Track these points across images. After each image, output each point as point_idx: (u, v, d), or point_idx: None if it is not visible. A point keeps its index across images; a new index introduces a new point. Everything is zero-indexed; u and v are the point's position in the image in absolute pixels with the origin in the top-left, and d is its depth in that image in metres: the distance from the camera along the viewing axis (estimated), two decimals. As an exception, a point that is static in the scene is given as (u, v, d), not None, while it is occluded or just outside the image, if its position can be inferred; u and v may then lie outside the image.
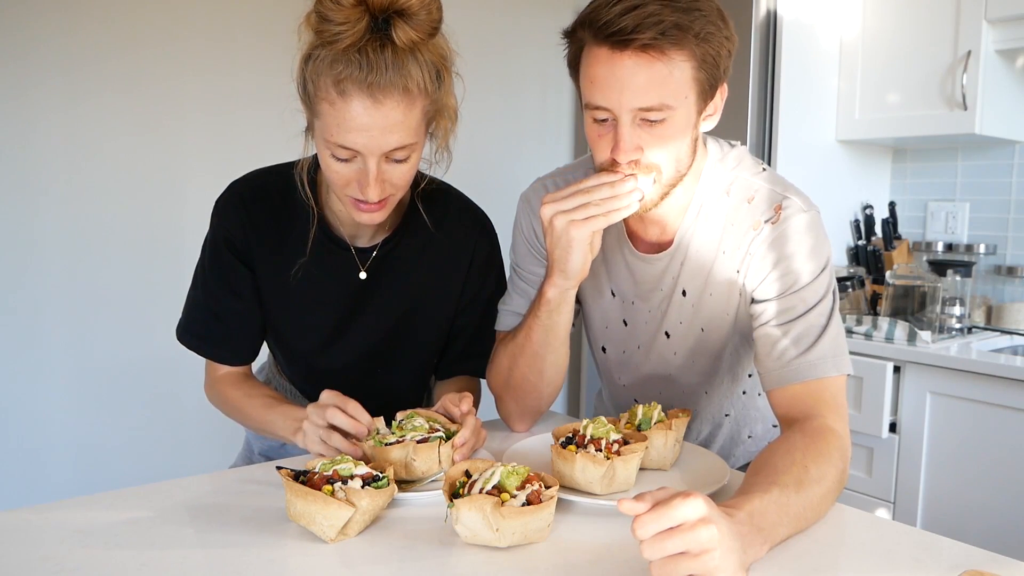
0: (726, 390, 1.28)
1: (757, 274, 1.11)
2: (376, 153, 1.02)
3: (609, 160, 1.03)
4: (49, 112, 2.03)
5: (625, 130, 1.00)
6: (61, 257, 2.08)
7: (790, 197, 1.10)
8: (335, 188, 1.08)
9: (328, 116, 1.01)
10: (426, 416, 1.08)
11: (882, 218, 2.63)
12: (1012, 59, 2.24)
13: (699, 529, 0.69)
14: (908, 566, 0.81)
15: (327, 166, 1.06)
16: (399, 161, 1.05)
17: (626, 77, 0.97)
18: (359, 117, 0.99)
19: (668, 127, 1.01)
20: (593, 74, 1.00)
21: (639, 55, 0.96)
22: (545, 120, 2.93)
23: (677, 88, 0.98)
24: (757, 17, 2.27)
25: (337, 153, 1.03)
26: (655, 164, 1.03)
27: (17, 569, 0.78)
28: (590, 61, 1.00)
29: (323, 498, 0.82)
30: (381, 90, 0.99)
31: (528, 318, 1.17)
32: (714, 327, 1.19)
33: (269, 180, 1.21)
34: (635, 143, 1.01)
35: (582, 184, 1.04)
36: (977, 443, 1.97)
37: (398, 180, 1.07)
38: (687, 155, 1.06)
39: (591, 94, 1.01)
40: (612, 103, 0.99)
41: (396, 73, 0.99)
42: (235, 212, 1.19)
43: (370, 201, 1.06)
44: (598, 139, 1.04)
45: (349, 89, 0.98)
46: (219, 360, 1.24)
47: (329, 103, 1.00)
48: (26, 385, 2.06)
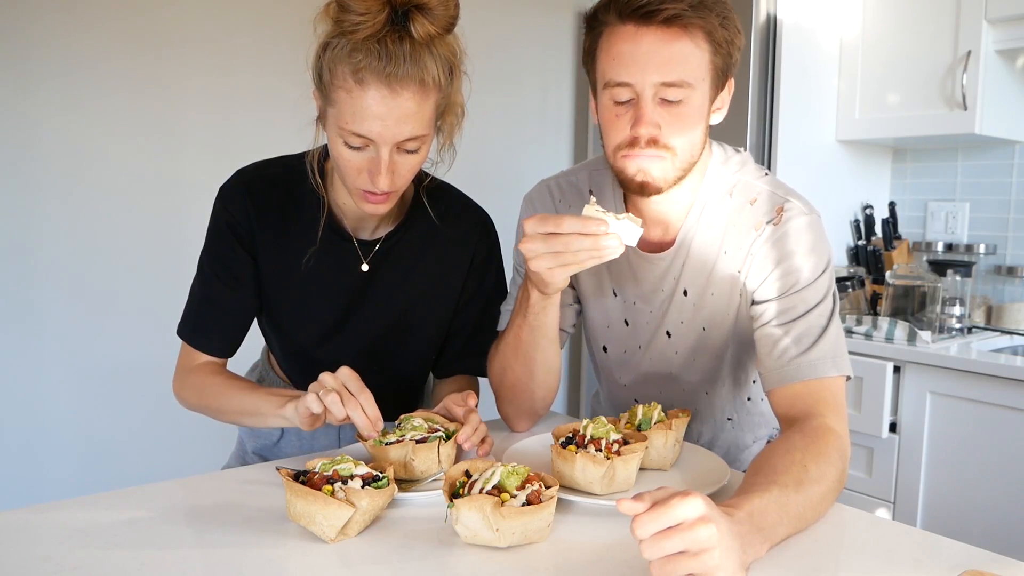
0: (728, 393, 1.28)
1: (758, 274, 1.11)
2: (390, 142, 1.03)
3: (628, 138, 1.04)
4: (50, 113, 2.03)
5: (647, 104, 1.02)
6: (62, 257, 2.08)
7: (792, 200, 1.12)
8: (345, 177, 1.09)
9: (344, 104, 1.02)
10: (425, 416, 1.08)
11: (882, 218, 2.63)
12: (1012, 59, 2.24)
13: (698, 528, 0.69)
14: (908, 566, 0.81)
15: (339, 154, 1.07)
16: (410, 152, 1.07)
17: (650, 52, 1.01)
18: (375, 106, 1.01)
19: (685, 108, 1.03)
20: (617, 51, 1.03)
21: (664, 30, 1.00)
22: (545, 120, 2.93)
23: (697, 68, 1.02)
24: (757, 17, 2.27)
25: (351, 141, 1.04)
26: (672, 145, 1.05)
27: (17, 569, 0.78)
28: (613, 40, 1.03)
29: (323, 498, 0.82)
30: (399, 81, 1.00)
31: (515, 317, 1.16)
32: (715, 326, 1.19)
33: (275, 169, 1.22)
34: (655, 119, 1.03)
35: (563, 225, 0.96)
36: (977, 443, 1.97)
37: (407, 171, 1.08)
38: (700, 142, 1.08)
39: (614, 71, 1.03)
40: (635, 78, 1.02)
41: (413, 65, 1.01)
42: (240, 197, 1.19)
43: (380, 191, 1.07)
44: (616, 119, 1.05)
45: (367, 78, 1.00)
46: (206, 351, 1.22)
47: (346, 91, 1.02)
48: (26, 385, 2.06)
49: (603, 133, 1.10)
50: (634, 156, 1.05)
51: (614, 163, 1.08)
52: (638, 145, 1.04)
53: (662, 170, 1.06)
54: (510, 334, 1.18)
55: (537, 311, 1.12)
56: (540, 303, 1.11)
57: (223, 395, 1.18)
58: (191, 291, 1.24)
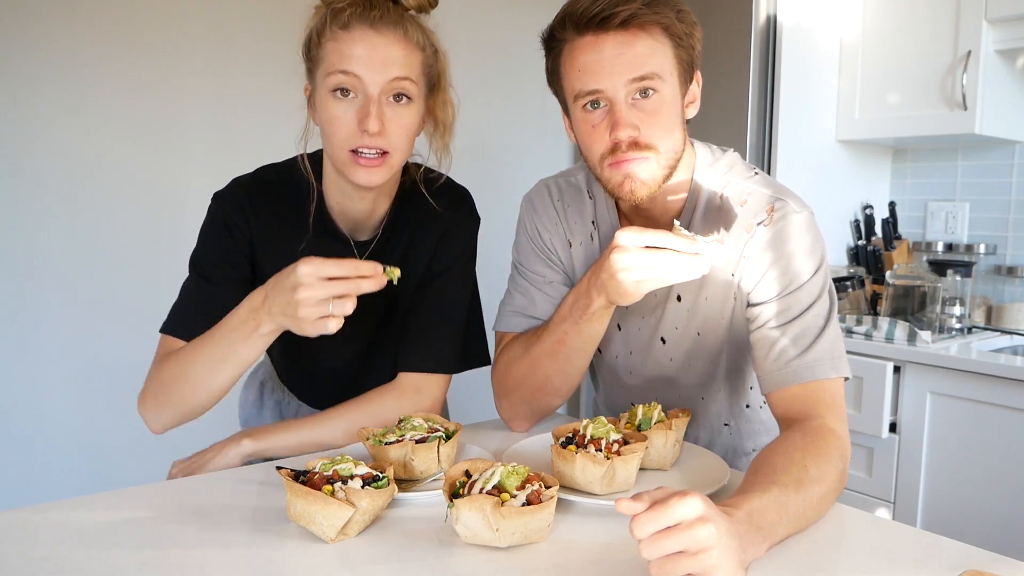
0: (724, 398, 1.28)
1: (752, 277, 1.11)
2: (377, 79, 1.06)
3: (609, 145, 1.04)
4: (50, 115, 2.03)
5: (621, 107, 1.03)
6: (62, 258, 2.08)
7: (783, 199, 1.11)
8: (335, 137, 1.08)
9: (331, 53, 1.06)
10: (425, 416, 1.08)
11: (882, 218, 2.63)
12: (1012, 59, 2.24)
13: (697, 528, 0.69)
14: (908, 566, 0.81)
15: (328, 113, 1.08)
16: (399, 102, 1.08)
17: (614, 55, 1.01)
18: (360, 44, 1.05)
19: (658, 103, 1.04)
20: (582, 63, 1.03)
21: (622, 32, 1.01)
22: (545, 120, 2.93)
23: (663, 61, 1.03)
24: (757, 17, 2.27)
25: (339, 83, 1.06)
26: (652, 143, 1.05)
27: (17, 569, 0.78)
28: (576, 54, 1.04)
29: (323, 498, 0.82)
30: (383, 24, 1.06)
31: (563, 324, 1.13)
32: (710, 331, 1.19)
33: (268, 174, 1.22)
34: (631, 121, 1.03)
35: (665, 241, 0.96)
36: (977, 443, 1.96)
37: (398, 128, 1.08)
38: (680, 138, 1.08)
39: (582, 81, 1.04)
40: (604, 83, 1.02)
41: (397, 20, 1.07)
42: (236, 199, 1.18)
43: (372, 132, 1.05)
44: (592, 131, 1.06)
45: (352, 23, 1.05)
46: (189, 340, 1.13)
47: (333, 40, 1.06)
48: (26, 385, 2.06)
49: (583, 148, 1.09)
50: (619, 163, 1.04)
51: (600, 174, 1.08)
52: (620, 150, 1.04)
53: (648, 171, 1.05)
54: (551, 338, 1.15)
55: (594, 319, 1.10)
56: (602, 312, 1.09)
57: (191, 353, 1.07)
58: (180, 293, 1.20)
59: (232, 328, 1.04)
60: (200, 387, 1.08)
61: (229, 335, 1.04)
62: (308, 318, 0.95)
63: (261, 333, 1.02)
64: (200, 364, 1.06)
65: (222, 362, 1.05)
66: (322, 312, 0.95)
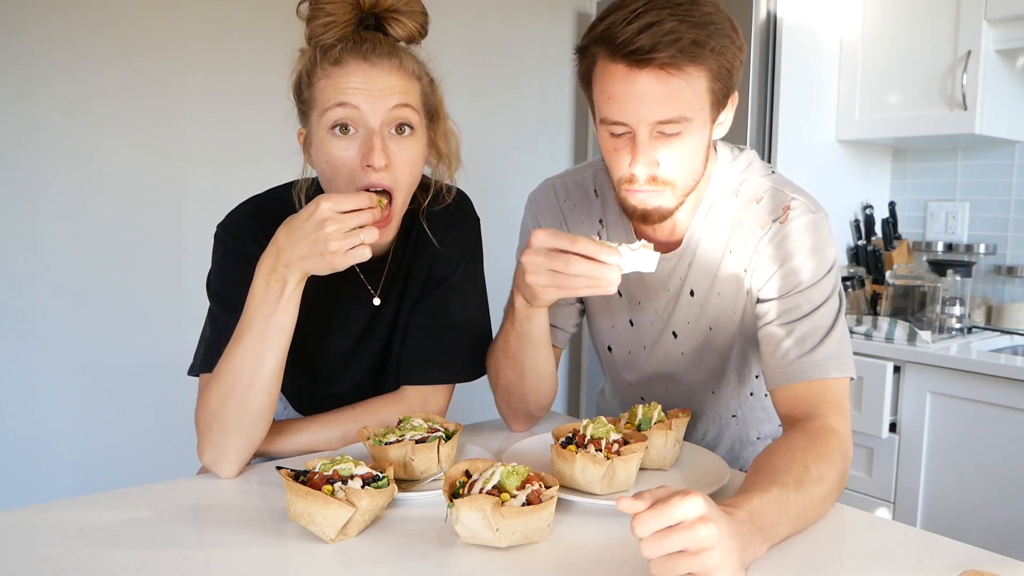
0: (733, 390, 1.28)
1: (763, 273, 1.11)
2: (378, 109, 1.01)
3: (628, 175, 1.03)
4: (49, 112, 2.02)
5: (643, 144, 1.00)
6: (61, 257, 2.08)
7: (798, 198, 1.11)
8: (338, 182, 1.04)
9: (325, 90, 1.02)
10: (425, 416, 1.08)
11: (882, 218, 2.63)
12: (1012, 59, 2.24)
13: (698, 527, 0.69)
14: (908, 566, 0.81)
15: (328, 154, 1.03)
16: (402, 134, 1.04)
17: (644, 93, 0.97)
18: (356, 75, 1.02)
19: (684, 139, 1.01)
20: (611, 90, 1.00)
21: (657, 72, 0.96)
22: (545, 120, 2.93)
23: (693, 100, 0.99)
24: (757, 17, 2.27)
25: (338, 119, 1.01)
26: (670, 179, 1.03)
27: (17, 569, 0.78)
28: (606, 77, 1.00)
29: (323, 498, 0.82)
30: (376, 55, 1.02)
31: (504, 321, 1.15)
32: (721, 326, 1.19)
33: (270, 202, 1.16)
34: (652, 157, 1.01)
35: (575, 245, 0.94)
36: (977, 443, 1.97)
37: (403, 163, 1.04)
38: (700, 167, 1.07)
39: (608, 110, 1.01)
40: (630, 118, 0.99)
41: (390, 50, 1.04)
42: (247, 229, 1.12)
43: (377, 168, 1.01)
44: (614, 152, 1.04)
45: (344, 57, 1.02)
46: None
47: (326, 78, 1.02)
48: (26, 385, 2.06)
49: (605, 161, 1.08)
50: (634, 192, 1.04)
51: (617, 192, 1.08)
52: (637, 182, 1.03)
53: (661, 201, 1.05)
54: (500, 339, 1.17)
55: (523, 319, 1.09)
56: (525, 311, 1.08)
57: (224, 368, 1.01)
58: (207, 331, 1.13)
59: (258, 305, 0.99)
60: (254, 385, 1.01)
61: (258, 312, 0.99)
62: (340, 250, 0.94)
63: (289, 290, 0.98)
64: (243, 360, 1.00)
65: (263, 341, 0.99)
66: (354, 242, 0.94)
